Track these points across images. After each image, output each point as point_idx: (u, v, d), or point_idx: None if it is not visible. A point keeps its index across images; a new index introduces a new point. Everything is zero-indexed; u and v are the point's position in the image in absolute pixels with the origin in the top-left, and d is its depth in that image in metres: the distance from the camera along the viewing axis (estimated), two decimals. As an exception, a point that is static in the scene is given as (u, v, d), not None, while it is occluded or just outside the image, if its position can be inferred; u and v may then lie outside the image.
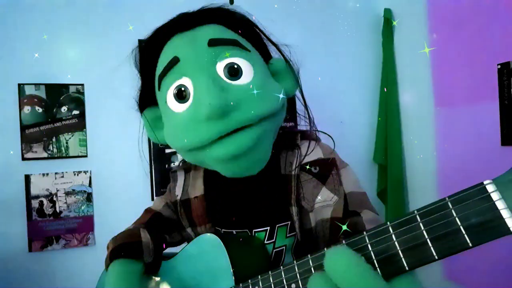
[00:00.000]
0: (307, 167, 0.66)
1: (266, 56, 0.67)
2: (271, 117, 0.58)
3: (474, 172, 1.60)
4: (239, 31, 0.63)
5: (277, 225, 0.66)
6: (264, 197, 0.66)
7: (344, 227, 0.58)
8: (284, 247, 0.66)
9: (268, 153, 0.62)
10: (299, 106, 0.70)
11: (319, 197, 0.63)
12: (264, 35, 0.67)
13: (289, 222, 0.65)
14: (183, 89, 0.57)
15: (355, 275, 0.34)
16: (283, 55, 0.67)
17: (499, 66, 1.53)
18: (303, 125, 0.75)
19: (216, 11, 0.64)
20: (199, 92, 0.55)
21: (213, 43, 0.58)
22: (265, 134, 0.58)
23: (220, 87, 0.55)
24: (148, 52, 0.64)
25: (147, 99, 0.67)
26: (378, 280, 0.34)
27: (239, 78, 0.57)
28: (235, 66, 0.57)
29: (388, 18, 2.15)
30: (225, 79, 0.57)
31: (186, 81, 0.57)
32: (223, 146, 0.55)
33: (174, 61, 0.58)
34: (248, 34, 0.65)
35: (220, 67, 0.57)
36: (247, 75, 0.58)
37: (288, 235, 0.66)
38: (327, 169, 0.65)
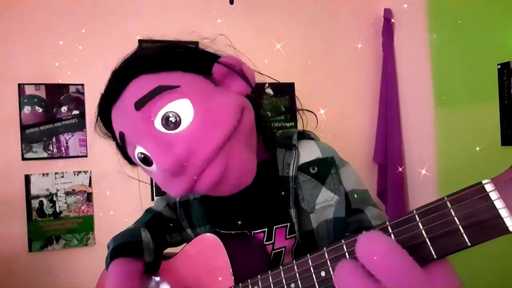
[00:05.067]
0: (305, 167, 0.66)
1: (209, 65, 0.61)
2: (234, 132, 0.55)
3: (474, 172, 1.60)
4: (164, 68, 0.58)
5: (275, 227, 0.65)
6: (262, 199, 0.66)
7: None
8: (283, 249, 0.66)
9: (250, 160, 0.58)
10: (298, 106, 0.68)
11: (319, 198, 0.63)
12: (189, 50, 0.62)
13: (288, 224, 0.65)
14: (143, 156, 0.57)
15: (393, 260, 0.33)
16: (217, 60, 0.60)
17: (499, 66, 1.53)
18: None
19: (132, 63, 0.60)
20: (153, 158, 0.55)
21: (138, 106, 0.54)
22: (234, 149, 0.55)
23: (166, 145, 0.53)
24: (104, 123, 0.65)
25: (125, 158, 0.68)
26: (415, 266, 0.33)
27: (180, 124, 0.54)
28: (170, 115, 0.54)
29: (388, 18, 2.15)
30: (167, 132, 0.54)
31: (141, 149, 0.57)
32: (199, 185, 0.55)
33: (122, 136, 0.58)
34: (175, 62, 0.59)
35: (158, 123, 0.54)
36: (187, 114, 0.54)
37: (287, 237, 0.66)
38: (326, 168, 0.65)
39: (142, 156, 0.57)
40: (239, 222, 0.68)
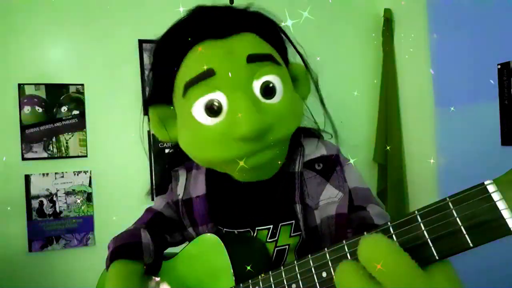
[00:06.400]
0: (311, 164, 0.66)
1: (286, 59, 0.66)
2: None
3: (474, 172, 1.60)
4: (272, 42, 0.61)
5: (281, 224, 0.65)
6: (267, 195, 0.66)
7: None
8: (287, 247, 0.66)
9: (285, 155, 0.64)
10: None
11: (323, 194, 0.63)
12: (292, 43, 0.67)
13: (293, 222, 0.65)
14: (216, 103, 0.55)
15: (395, 264, 0.32)
16: (305, 63, 0.67)
17: (499, 66, 1.53)
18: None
19: (251, 17, 0.61)
20: (236, 111, 0.53)
21: (251, 59, 0.56)
22: (286, 144, 0.62)
23: (258, 108, 0.54)
24: (170, 50, 0.60)
25: (157, 97, 0.64)
26: (416, 269, 0.33)
27: (273, 97, 0.57)
28: (271, 85, 0.56)
29: (388, 18, 2.15)
30: (260, 98, 0.56)
31: (220, 96, 0.55)
32: (250, 160, 0.56)
33: (209, 73, 0.55)
34: (278, 43, 0.63)
35: (257, 86, 0.56)
36: (279, 93, 0.57)
37: (292, 235, 0.66)
38: (331, 165, 0.65)
39: (215, 104, 0.55)
40: (243, 219, 0.68)
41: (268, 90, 0.56)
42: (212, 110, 0.55)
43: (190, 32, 0.58)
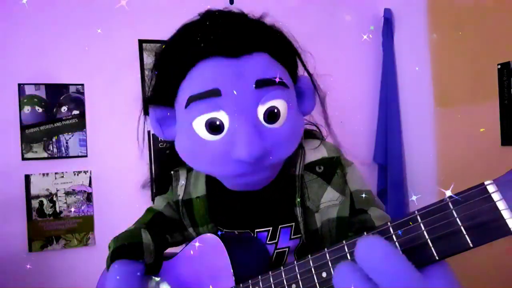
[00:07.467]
0: (311, 166, 0.66)
1: (295, 74, 0.65)
2: None
3: (474, 172, 1.60)
4: (284, 60, 0.60)
5: (280, 226, 0.65)
6: (267, 198, 0.66)
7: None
8: (287, 249, 0.66)
9: (277, 173, 0.64)
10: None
11: (324, 197, 0.63)
12: (304, 66, 0.66)
13: (293, 224, 0.65)
14: (217, 123, 0.55)
15: (391, 265, 0.32)
16: (313, 82, 0.66)
17: (499, 66, 1.53)
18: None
19: (265, 35, 0.58)
20: (237, 134, 0.53)
21: (260, 84, 0.54)
22: (281, 164, 0.62)
23: (259, 133, 0.54)
24: (178, 58, 0.58)
25: (158, 99, 0.64)
26: (413, 271, 0.33)
27: (275, 121, 0.56)
28: (275, 111, 0.56)
29: (388, 18, 2.15)
30: (263, 123, 0.56)
31: (222, 116, 0.54)
32: (244, 179, 0.58)
33: (215, 93, 0.54)
34: (289, 60, 0.62)
35: (261, 111, 0.55)
36: (283, 117, 0.57)
37: (292, 237, 0.66)
38: (332, 168, 0.65)
39: (217, 123, 0.55)
40: (242, 221, 0.68)
41: (271, 116, 0.56)
42: (214, 128, 0.55)
43: (201, 44, 0.56)
